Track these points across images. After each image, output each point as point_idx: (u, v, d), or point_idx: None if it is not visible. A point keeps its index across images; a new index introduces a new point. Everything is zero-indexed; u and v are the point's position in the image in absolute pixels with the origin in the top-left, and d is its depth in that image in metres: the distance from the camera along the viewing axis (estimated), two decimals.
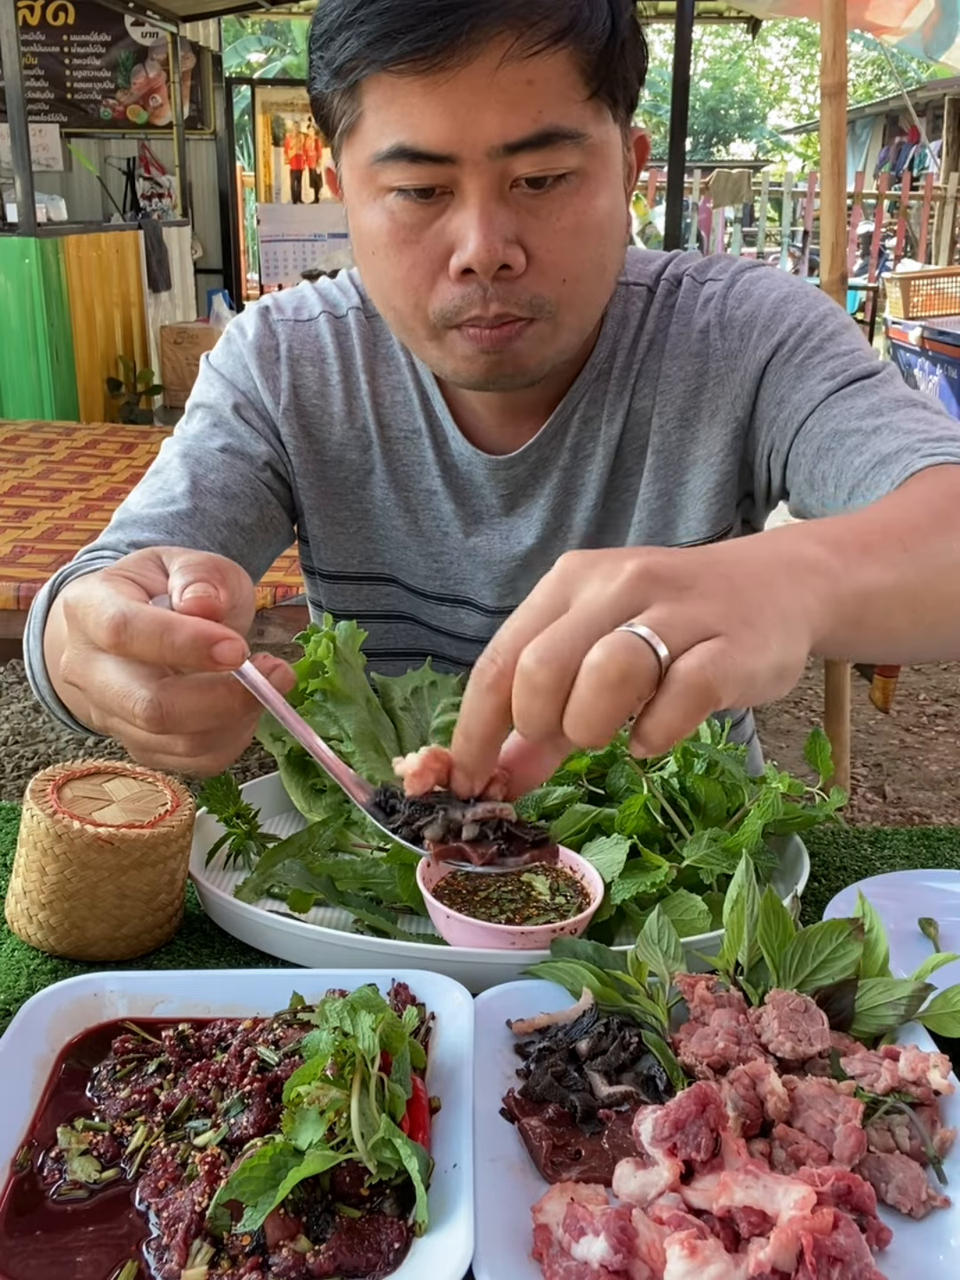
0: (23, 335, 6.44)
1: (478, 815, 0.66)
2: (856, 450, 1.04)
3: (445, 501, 1.24)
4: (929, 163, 15.36)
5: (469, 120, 0.92)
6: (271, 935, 0.93)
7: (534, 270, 0.99)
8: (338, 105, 0.99)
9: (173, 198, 9.55)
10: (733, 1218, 0.62)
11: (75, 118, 9.45)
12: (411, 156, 0.94)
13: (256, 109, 9.76)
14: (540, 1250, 0.63)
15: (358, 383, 1.23)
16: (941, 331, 6.70)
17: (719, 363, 1.16)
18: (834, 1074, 0.75)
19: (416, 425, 1.23)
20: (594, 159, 0.98)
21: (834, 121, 2.31)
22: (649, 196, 12.88)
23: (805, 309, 1.15)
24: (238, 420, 1.22)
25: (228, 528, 1.16)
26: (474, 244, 0.95)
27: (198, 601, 0.65)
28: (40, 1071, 0.78)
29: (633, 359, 1.19)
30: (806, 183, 12.70)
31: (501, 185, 0.95)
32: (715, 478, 1.18)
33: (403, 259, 1.00)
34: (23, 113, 5.89)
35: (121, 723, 0.68)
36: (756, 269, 1.20)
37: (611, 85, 0.97)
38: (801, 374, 1.12)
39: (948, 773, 3.70)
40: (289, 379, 1.23)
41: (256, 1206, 0.62)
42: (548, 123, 0.93)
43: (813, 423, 1.09)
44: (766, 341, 1.14)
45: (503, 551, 1.24)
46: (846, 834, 1.18)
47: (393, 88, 0.93)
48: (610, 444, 1.20)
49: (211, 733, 0.68)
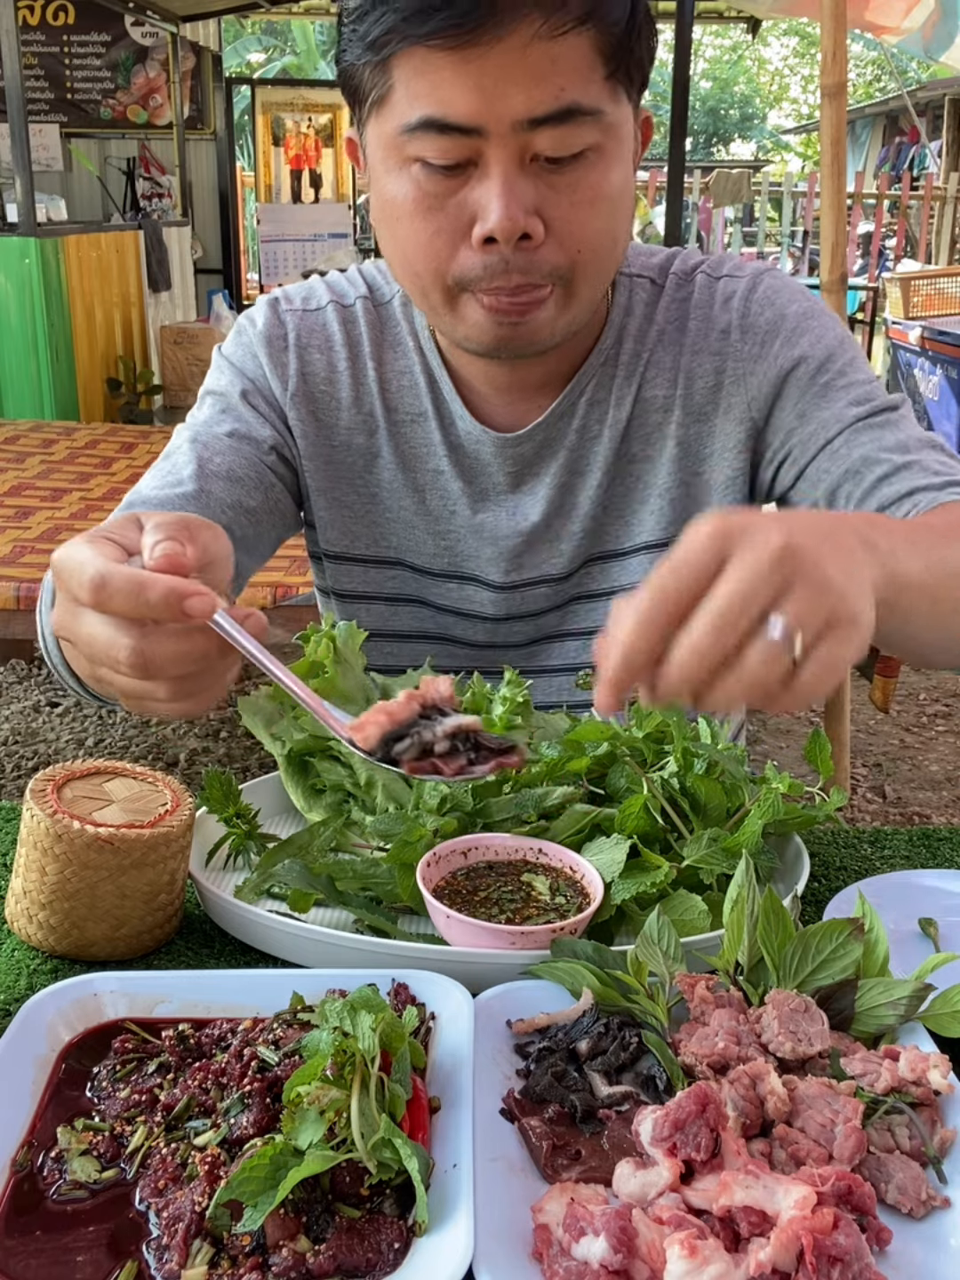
0: (23, 335, 6.44)
1: (447, 730, 0.71)
2: (887, 480, 1.14)
3: (452, 480, 1.28)
4: (929, 163, 15.35)
5: (496, 95, 0.97)
6: (271, 935, 0.93)
7: (551, 240, 1.03)
8: (368, 77, 1.03)
9: (173, 198, 9.55)
10: (733, 1218, 0.62)
11: (75, 118, 9.45)
12: (440, 128, 0.99)
13: (256, 109, 9.76)
14: (540, 1250, 0.63)
15: (365, 369, 1.28)
16: (941, 331, 6.70)
17: (737, 364, 1.23)
18: (834, 1074, 0.75)
19: (423, 408, 1.27)
20: (610, 136, 1.03)
21: (834, 121, 2.31)
22: (649, 196, 12.86)
23: (824, 329, 1.22)
24: (245, 406, 1.26)
25: (233, 509, 1.20)
26: (497, 213, 1.00)
27: (166, 559, 0.69)
28: (40, 1071, 0.78)
29: (642, 348, 1.24)
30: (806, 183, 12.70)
31: (523, 158, 1.00)
32: (729, 472, 1.25)
33: (427, 225, 1.04)
34: (23, 113, 5.89)
35: (109, 671, 0.73)
36: (775, 275, 1.27)
37: (628, 67, 1.03)
38: (827, 394, 1.19)
39: (948, 773, 3.70)
40: (297, 366, 1.27)
41: (256, 1206, 0.62)
42: (569, 100, 0.98)
43: (840, 443, 1.17)
44: (788, 352, 1.21)
45: (509, 527, 1.28)
46: (846, 834, 1.18)
47: (425, 62, 0.97)
48: (617, 428, 1.25)
49: (191, 677, 0.72)
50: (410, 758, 0.71)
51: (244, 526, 1.21)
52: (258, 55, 25.73)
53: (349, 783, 1.09)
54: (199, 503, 1.17)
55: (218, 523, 1.17)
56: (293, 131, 9.75)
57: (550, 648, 1.35)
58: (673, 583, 0.66)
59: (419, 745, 0.71)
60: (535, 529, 1.28)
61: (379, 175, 1.07)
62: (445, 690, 0.74)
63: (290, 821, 1.15)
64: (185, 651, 0.70)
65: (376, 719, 0.72)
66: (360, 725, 0.73)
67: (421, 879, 0.90)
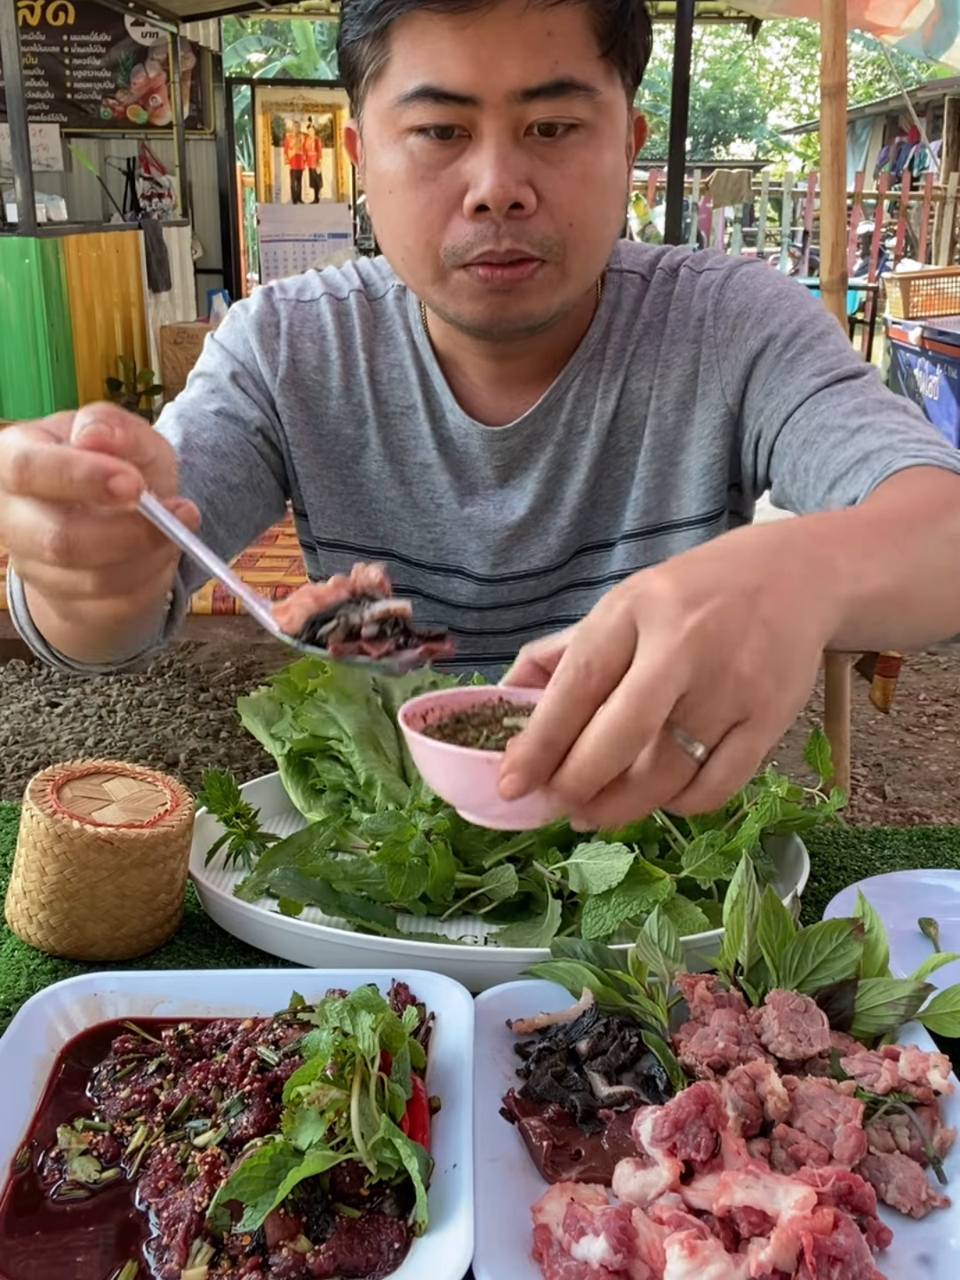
0: (23, 335, 6.43)
1: (375, 615, 0.67)
2: (840, 445, 1.09)
3: (440, 473, 1.29)
4: (929, 163, 15.35)
5: (492, 65, 0.98)
6: (271, 935, 0.93)
7: (543, 211, 1.04)
8: (365, 52, 1.05)
9: (173, 198, 9.54)
10: (733, 1218, 0.62)
11: (75, 118, 9.44)
12: (435, 96, 1.01)
13: (256, 109, 9.75)
14: (540, 1250, 0.63)
15: (356, 360, 1.28)
16: (941, 331, 6.70)
17: (711, 350, 1.22)
18: (834, 1074, 0.75)
19: (413, 401, 1.28)
20: (602, 116, 1.05)
21: (834, 121, 2.31)
22: (649, 196, 12.86)
23: (797, 307, 1.21)
24: (234, 387, 1.27)
25: (215, 483, 1.20)
26: (489, 181, 1.01)
27: (91, 437, 0.65)
28: (40, 1071, 0.78)
29: (627, 341, 1.25)
30: (806, 183, 12.70)
31: (517, 129, 1.02)
32: (704, 459, 1.24)
33: (419, 196, 1.05)
34: (23, 113, 5.89)
35: (35, 564, 0.68)
36: (754, 264, 1.26)
37: (621, 48, 1.05)
38: (792, 368, 1.17)
39: (948, 773, 3.70)
40: (287, 353, 1.28)
41: (256, 1206, 0.62)
42: (563, 73, 1.00)
43: (800, 414, 1.15)
44: (758, 334, 1.20)
45: (496, 521, 1.29)
46: (846, 834, 1.18)
47: (423, 32, 1.00)
48: (603, 421, 1.25)
49: (120, 567, 0.68)
50: (336, 640, 0.67)
51: (226, 502, 1.21)
52: (258, 55, 25.73)
53: (349, 783, 1.09)
54: (182, 474, 1.17)
55: (200, 495, 1.18)
56: (293, 131, 9.75)
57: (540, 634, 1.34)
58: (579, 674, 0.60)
59: (345, 628, 0.67)
60: (522, 523, 1.28)
61: (374, 151, 1.08)
62: (375, 576, 0.70)
63: (290, 821, 1.15)
64: (112, 536, 0.66)
65: (302, 601, 0.69)
66: (285, 608, 0.69)
67: (404, 719, 0.75)
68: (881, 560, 0.73)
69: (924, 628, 0.86)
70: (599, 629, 0.61)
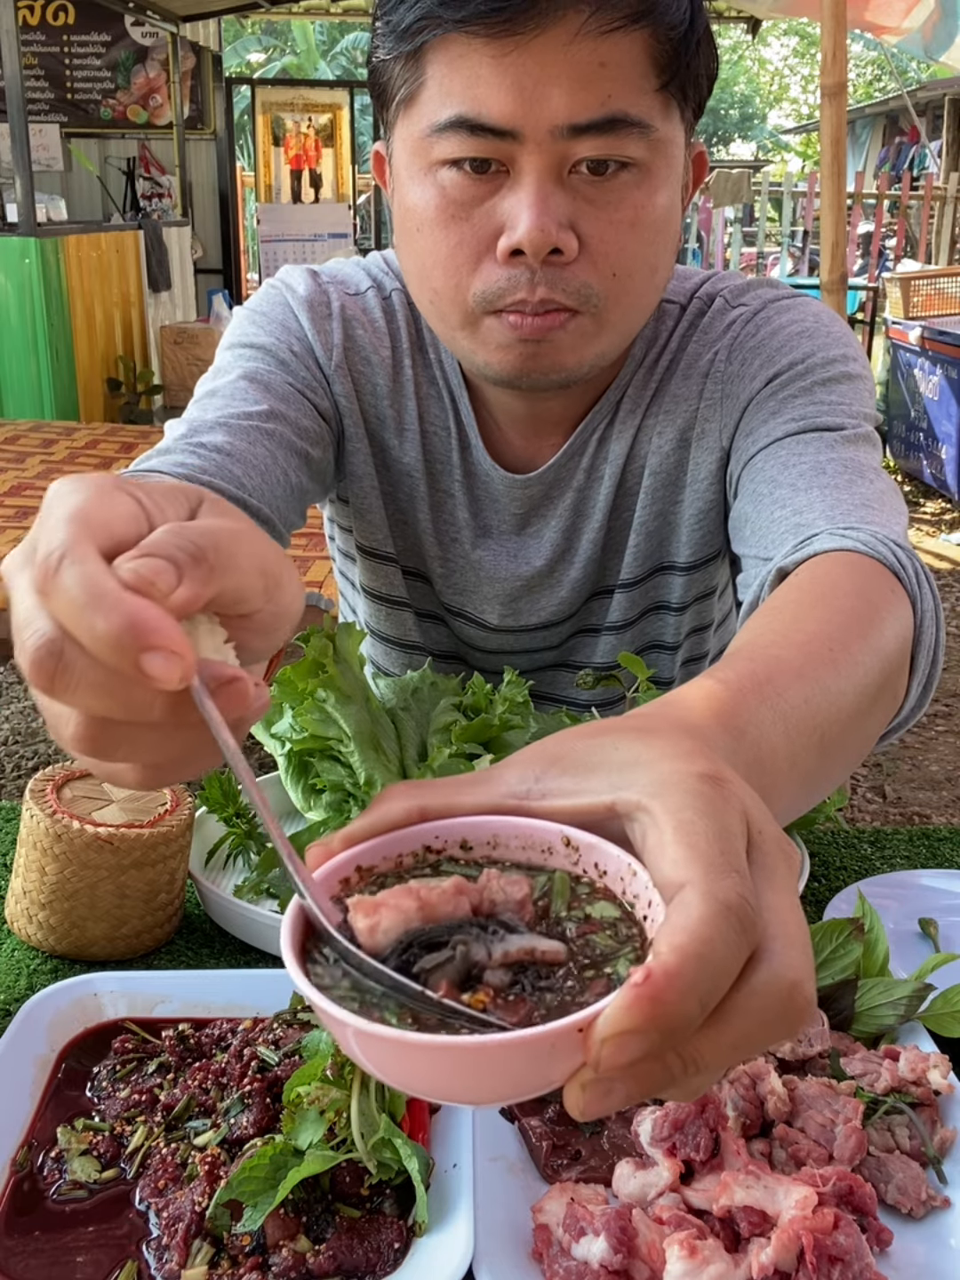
0: (23, 335, 6.44)
1: (510, 955, 0.43)
2: (780, 504, 0.97)
3: (461, 508, 1.21)
4: (929, 163, 15.34)
5: (536, 96, 0.88)
6: (271, 935, 0.93)
7: (585, 258, 0.94)
8: (398, 73, 0.95)
9: (173, 198, 9.54)
10: (733, 1218, 0.62)
11: (75, 118, 9.44)
12: (471, 128, 0.90)
13: (256, 109, 9.75)
14: (540, 1250, 0.63)
15: (402, 363, 1.18)
16: (941, 331, 6.70)
17: (715, 385, 1.12)
18: (834, 1074, 0.75)
19: (447, 424, 1.18)
20: (658, 155, 0.94)
21: (834, 121, 2.31)
22: None
23: (818, 346, 1.08)
24: (298, 363, 1.14)
25: (299, 456, 1.09)
26: (526, 223, 0.90)
27: (138, 579, 0.42)
28: (40, 1071, 0.78)
29: (650, 378, 1.15)
30: (806, 183, 12.69)
31: (561, 168, 0.92)
32: (700, 504, 1.16)
33: (449, 236, 0.95)
34: (23, 113, 5.90)
35: (20, 655, 0.45)
36: (793, 299, 1.14)
37: (683, 80, 0.94)
38: (778, 410, 1.05)
39: (948, 773, 3.70)
40: (340, 338, 1.16)
41: (256, 1206, 0.62)
42: (616, 108, 0.90)
43: (760, 459, 1.03)
44: (765, 371, 1.08)
45: (509, 570, 1.22)
46: (846, 834, 1.18)
47: (460, 56, 0.89)
48: (616, 464, 1.16)
49: (114, 724, 0.45)
50: (447, 979, 0.42)
51: (302, 482, 1.09)
52: (258, 55, 25.73)
53: (349, 783, 1.09)
54: (273, 423, 1.05)
55: (277, 463, 1.03)
56: (293, 131, 9.75)
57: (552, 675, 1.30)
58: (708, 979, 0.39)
59: (462, 964, 0.43)
60: (537, 574, 1.21)
61: (402, 182, 0.99)
62: (517, 894, 0.45)
63: (290, 821, 1.15)
64: (114, 684, 0.43)
65: (400, 903, 0.44)
66: (372, 905, 0.44)
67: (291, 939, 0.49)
68: (796, 728, 0.59)
69: (840, 771, 0.67)
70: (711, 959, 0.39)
